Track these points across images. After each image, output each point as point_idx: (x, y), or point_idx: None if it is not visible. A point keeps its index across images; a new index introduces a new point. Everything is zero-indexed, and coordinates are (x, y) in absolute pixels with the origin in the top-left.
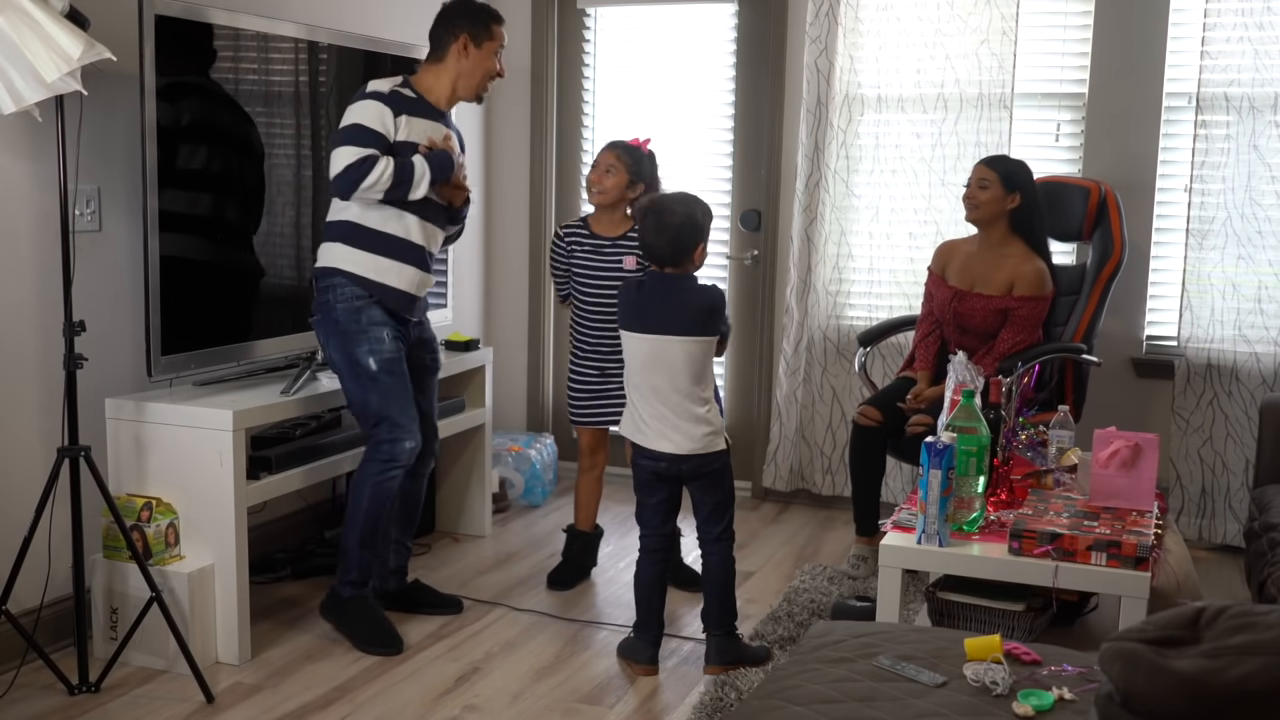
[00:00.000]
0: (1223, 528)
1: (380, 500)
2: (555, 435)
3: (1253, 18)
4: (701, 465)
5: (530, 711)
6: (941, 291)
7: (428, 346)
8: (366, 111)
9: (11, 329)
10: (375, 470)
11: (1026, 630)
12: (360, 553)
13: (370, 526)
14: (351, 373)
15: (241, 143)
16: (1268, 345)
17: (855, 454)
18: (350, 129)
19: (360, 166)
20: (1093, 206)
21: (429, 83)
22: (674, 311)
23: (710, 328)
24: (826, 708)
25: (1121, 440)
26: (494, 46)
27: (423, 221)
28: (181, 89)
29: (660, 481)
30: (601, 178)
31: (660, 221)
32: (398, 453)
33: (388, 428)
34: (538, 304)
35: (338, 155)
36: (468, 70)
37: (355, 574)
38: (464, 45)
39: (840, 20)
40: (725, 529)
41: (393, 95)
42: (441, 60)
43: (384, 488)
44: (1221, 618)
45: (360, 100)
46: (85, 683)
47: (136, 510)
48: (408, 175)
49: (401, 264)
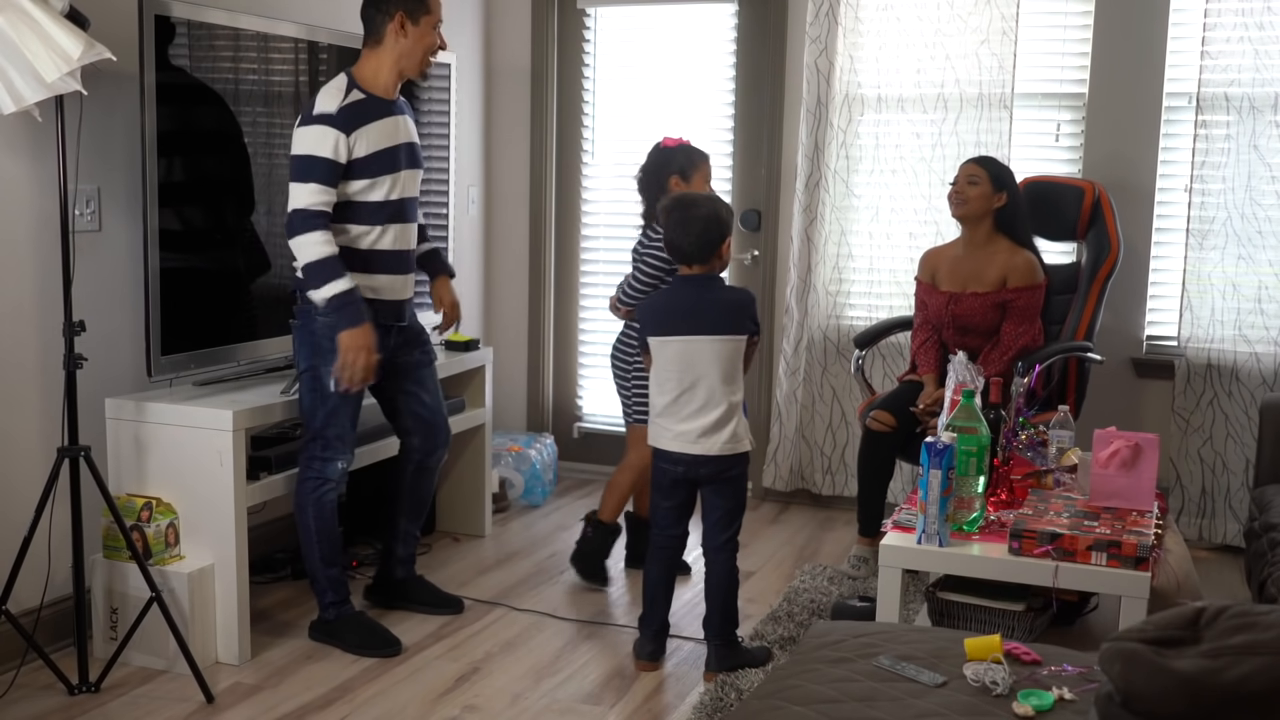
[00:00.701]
0: (1223, 528)
1: (324, 518)
2: (555, 435)
3: (1253, 18)
4: (721, 470)
5: (530, 711)
6: (935, 298)
7: (415, 341)
8: (314, 139)
9: (11, 329)
10: (310, 489)
11: (1026, 630)
12: (326, 572)
13: (326, 545)
14: (309, 384)
15: (241, 143)
16: (1268, 345)
17: (865, 457)
18: (300, 161)
19: (311, 219)
20: (1087, 206)
21: (371, 70)
22: (704, 311)
23: (741, 326)
24: (827, 708)
25: (1121, 440)
26: (432, 21)
27: (401, 226)
28: (181, 89)
29: (676, 486)
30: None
31: (685, 218)
32: (329, 471)
33: (321, 445)
34: (538, 304)
35: (294, 192)
36: (407, 49)
37: (331, 595)
38: (400, 24)
39: (840, 20)
40: (731, 537)
41: (341, 113)
42: (379, 42)
43: (324, 504)
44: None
45: (309, 124)
46: (85, 683)
47: (136, 510)
48: (317, 280)
49: (384, 275)
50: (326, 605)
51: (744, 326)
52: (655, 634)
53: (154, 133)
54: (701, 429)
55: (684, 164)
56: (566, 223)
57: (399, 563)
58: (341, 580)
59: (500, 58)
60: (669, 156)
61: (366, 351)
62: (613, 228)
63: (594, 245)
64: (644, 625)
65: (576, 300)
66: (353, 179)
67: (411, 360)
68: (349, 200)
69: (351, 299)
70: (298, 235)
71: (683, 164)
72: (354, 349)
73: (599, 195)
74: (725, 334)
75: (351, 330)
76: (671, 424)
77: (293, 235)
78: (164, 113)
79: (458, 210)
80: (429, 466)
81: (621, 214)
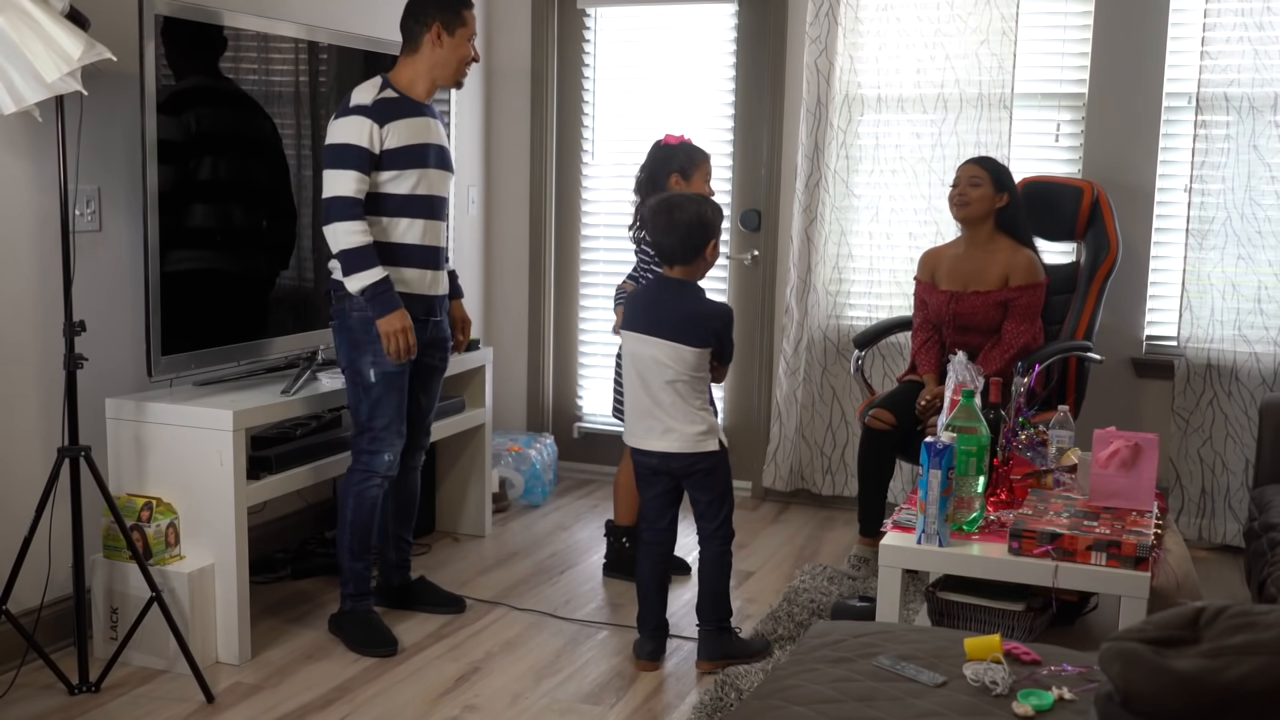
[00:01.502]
0: (1223, 528)
1: (362, 510)
2: (555, 435)
3: (1253, 18)
4: (691, 464)
5: (530, 711)
6: (935, 297)
7: (440, 346)
8: (350, 128)
9: (11, 329)
10: (356, 480)
11: (1026, 630)
12: (351, 564)
13: (358, 537)
14: (351, 379)
15: (242, 143)
16: (1268, 345)
17: (865, 456)
18: (336, 149)
19: (348, 207)
20: (1085, 206)
21: (408, 77)
22: (668, 315)
23: (699, 338)
24: (826, 708)
25: (1121, 440)
26: (467, 33)
27: (429, 221)
28: (182, 89)
29: (655, 476)
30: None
31: (671, 219)
32: (375, 465)
33: (368, 439)
34: (538, 304)
35: (329, 179)
36: (443, 59)
37: (351, 587)
38: (437, 34)
39: (840, 20)
40: (719, 527)
41: (376, 105)
42: (416, 51)
43: (364, 498)
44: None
45: (344, 115)
46: (85, 683)
47: (137, 510)
48: (351, 268)
49: (412, 269)
50: (345, 596)
51: (703, 340)
52: (654, 632)
53: (154, 133)
54: (660, 426)
55: (684, 162)
56: (566, 223)
57: (393, 569)
58: (365, 576)
59: (500, 58)
60: (670, 154)
61: (405, 332)
62: (613, 228)
63: (594, 245)
64: (641, 625)
65: (576, 300)
66: (382, 169)
67: (431, 363)
68: (376, 191)
69: (385, 287)
70: (334, 222)
71: (683, 162)
72: (392, 332)
73: (599, 195)
74: (679, 342)
75: (388, 317)
76: (633, 420)
77: (329, 222)
78: (164, 113)
79: (458, 210)
80: (409, 466)
81: (621, 214)
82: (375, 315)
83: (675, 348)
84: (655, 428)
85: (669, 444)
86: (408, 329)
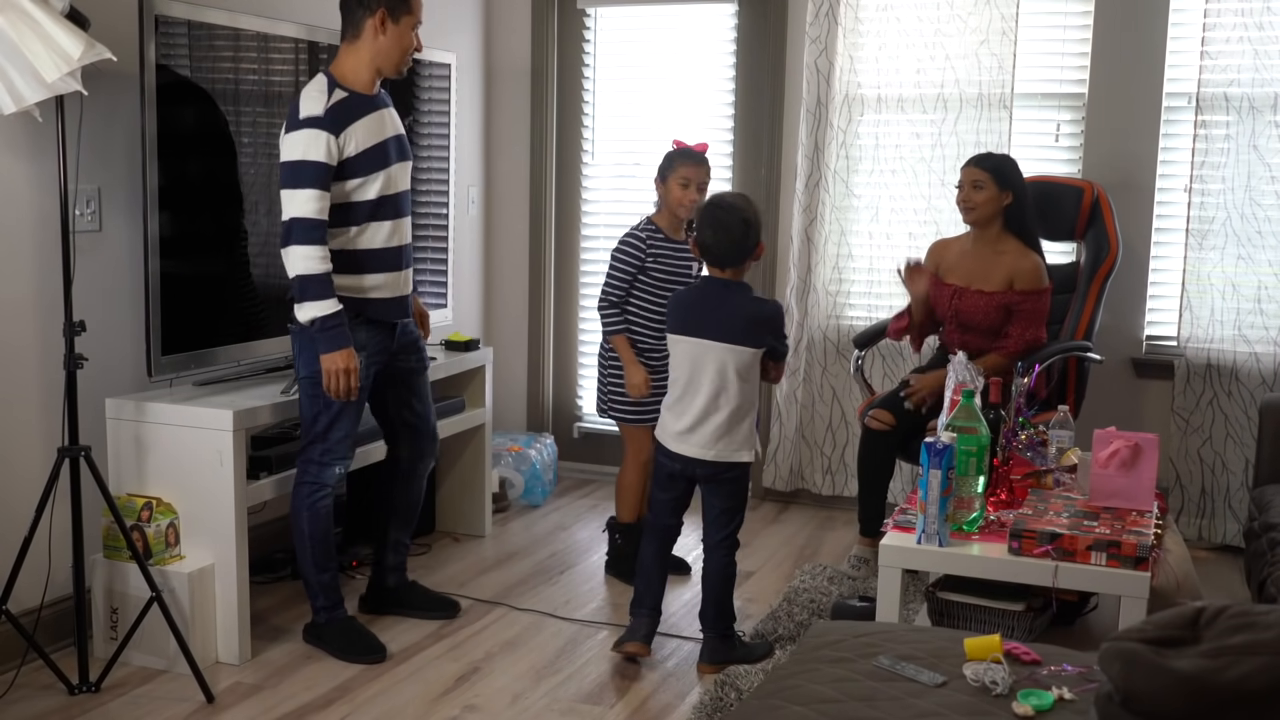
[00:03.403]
0: (1223, 528)
1: (318, 524)
2: (555, 435)
3: (1253, 18)
4: (717, 471)
5: (530, 711)
6: (940, 290)
7: (412, 348)
8: (305, 143)
9: (11, 329)
10: (305, 494)
11: (1026, 630)
12: (318, 577)
13: (318, 549)
14: (310, 389)
15: (242, 143)
16: (1268, 345)
17: (865, 457)
18: (292, 167)
19: (309, 230)
20: (1086, 206)
21: (350, 68)
22: (722, 318)
23: (754, 339)
24: (827, 708)
25: (1121, 440)
26: (412, 21)
27: (397, 221)
28: (182, 89)
29: (674, 480)
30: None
31: (719, 222)
32: (325, 477)
33: (321, 451)
34: (538, 304)
35: (288, 200)
36: (385, 48)
37: (322, 599)
38: (381, 20)
39: (840, 20)
40: (728, 536)
41: (328, 114)
42: (358, 38)
43: (317, 510)
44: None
45: (297, 129)
46: (85, 683)
47: (137, 510)
48: (305, 296)
49: (384, 273)
50: (318, 609)
51: (758, 340)
52: (649, 613)
53: (154, 133)
54: (698, 431)
55: (662, 167)
56: (566, 223)
57: (389, 570)
58: (333, 585)
59: (500, 58)
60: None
61: (349, 374)
62: (613, 228)
63: (594, 245)
64: (637, 605)
65: (576, 300)
66: (346, 178)
67: (408, 366)
68: (344, 201)
69: (337, 321)
70: (293, 245)
71: (662, 167)
72: (336, 371)
73: (599, 195)
74: (733, 343)
75: (333, 354)
76: (672, 421)
77: (287, 244)
78: (164, 113)
79: (458, 210)
80: (417, 473)
81: (622, 214)
82: (321, 350)
83: (728, 350)
84: (690, 428)
85: (700, 450)
86: (352, 370)
